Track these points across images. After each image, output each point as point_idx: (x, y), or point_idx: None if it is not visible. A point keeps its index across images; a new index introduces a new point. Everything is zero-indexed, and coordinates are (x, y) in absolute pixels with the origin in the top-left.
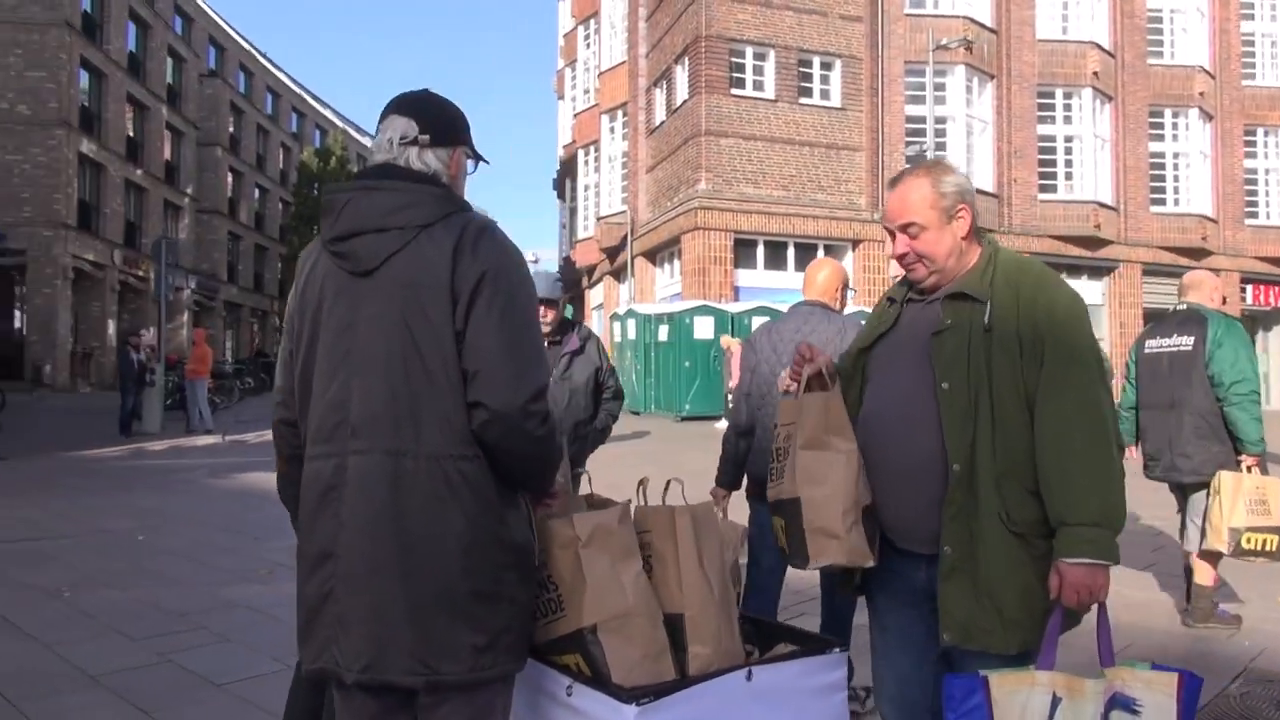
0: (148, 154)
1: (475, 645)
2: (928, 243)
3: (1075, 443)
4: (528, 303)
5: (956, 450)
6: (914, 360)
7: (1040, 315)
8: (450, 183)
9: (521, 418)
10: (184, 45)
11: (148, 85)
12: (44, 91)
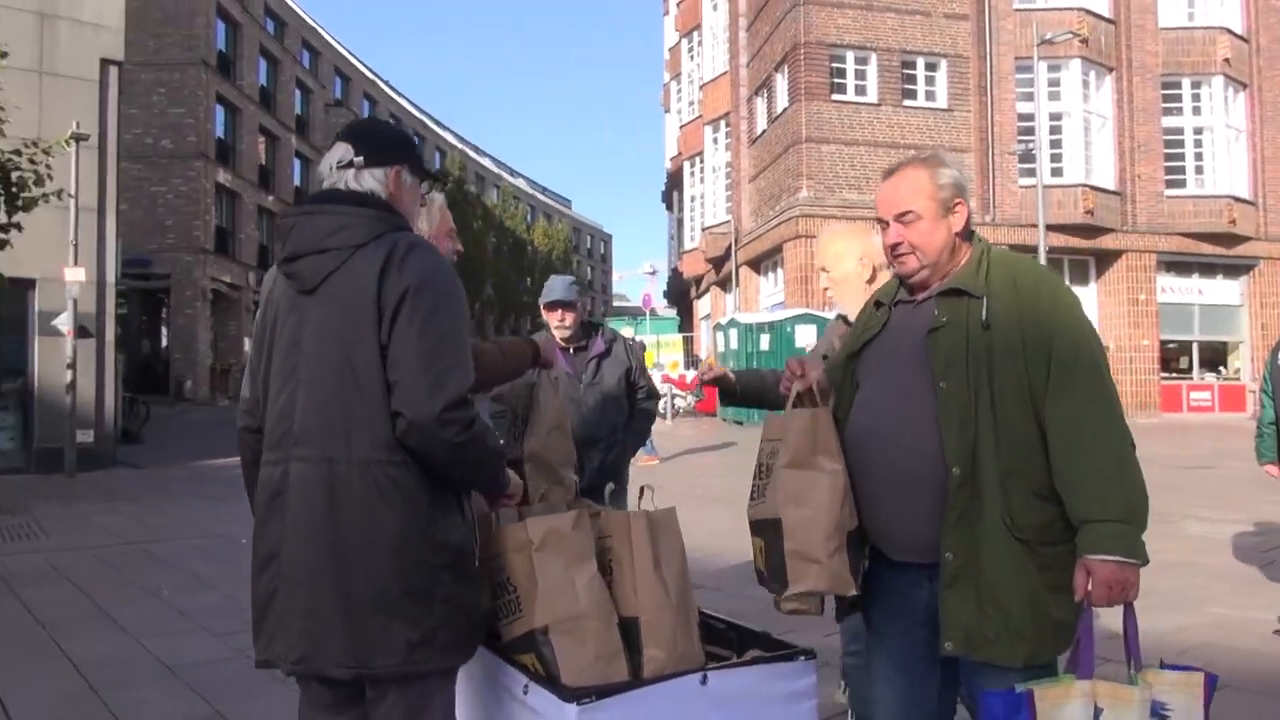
0: (278, 181)
1: (409, 640)
2: (922, 233)
3: (1092, 439)
4: (451, 316)
5: (957, 452)
6: (908, 362)
7: (1044, 310)
8: (391, 199)
9: (437, 426)
10: (311, 77)
11: (278, 116)
12: (184, 127)
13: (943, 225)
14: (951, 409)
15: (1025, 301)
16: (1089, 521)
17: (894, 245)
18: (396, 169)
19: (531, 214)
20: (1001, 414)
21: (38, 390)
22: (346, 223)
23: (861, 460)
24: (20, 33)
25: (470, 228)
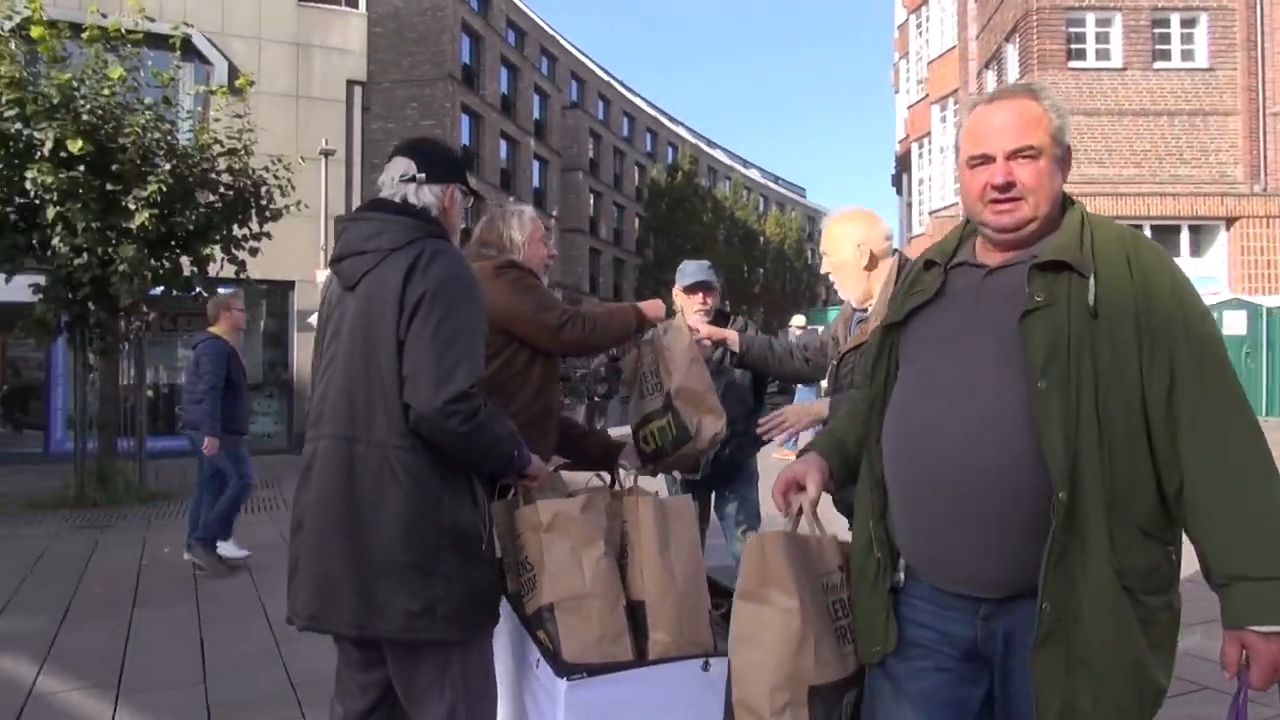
0: (518, 183)
1: (410, 610)
2: (1040, 175)
3: (1241, 471)
4: (463, 318)
5: (1062, 472)
6: (984, 346)
7: (1166, 300)
8: (442, 214)
9: (441, 417)
10: (549, 83)
11: (518, 122)
12: (434, 137)
13: (1059, 171)
14: (1053, 416)
15: (1142, 286)
16: (1244, 579)
17: (1004, 186)
18: (451, 187)
19: (764, 204)
20: (1107, 427)
21: (296, 380)
22: (384, 228)
23: (910, 463)
24: (280, 62)
25: (700, 220)
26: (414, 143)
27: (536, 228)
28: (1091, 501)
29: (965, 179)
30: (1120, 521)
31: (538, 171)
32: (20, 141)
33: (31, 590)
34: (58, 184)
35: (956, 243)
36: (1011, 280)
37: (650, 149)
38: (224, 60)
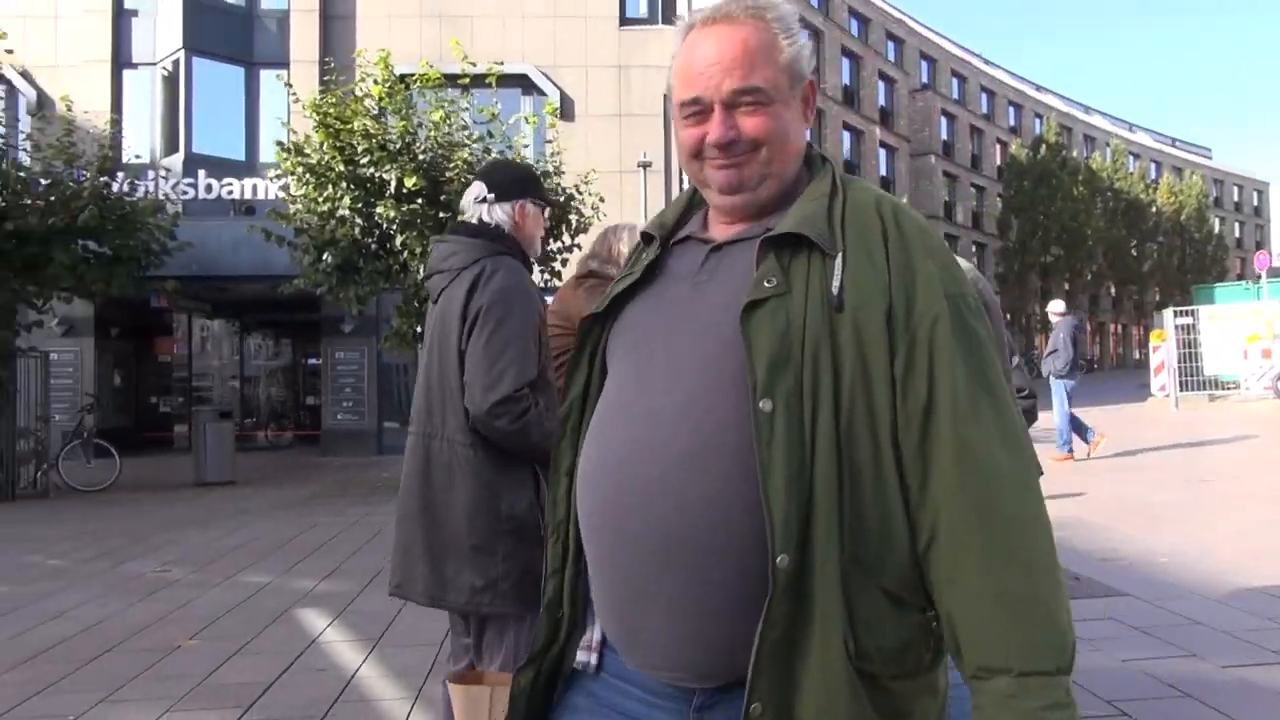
0: (864, 172)
1: (474, 586)
2: (772, 124)
3: (1014, 529)
4: (513, 329)
5: (785, 527)
6: (697, 348)
7: (932, 288)
8: (515, 228)
9: (491, 418)
10: (894, 68)
11: (861, 112)
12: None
13: (799, 118)
14: (777, 449)
15: (902, 269)
16: (1005, 673)
17: (725, 144)
18: (520, 202)
19: (1155, 170)
20: (851, 462)
21: None
22: (457, 249)
23: (597, 508)
24: (604, 85)
25: (1070, 195)
26: (487, 166)
27: (632, 238)
28: (825, 565)
29: (678, 132)
30: (862, 589)
31: (884, 160)
32: (373, 183)
33: (355, 561)
34: (399, 216)
35: (683, 208)
36: (742, 260)
37: (1014, 122)
38: (556, 90)
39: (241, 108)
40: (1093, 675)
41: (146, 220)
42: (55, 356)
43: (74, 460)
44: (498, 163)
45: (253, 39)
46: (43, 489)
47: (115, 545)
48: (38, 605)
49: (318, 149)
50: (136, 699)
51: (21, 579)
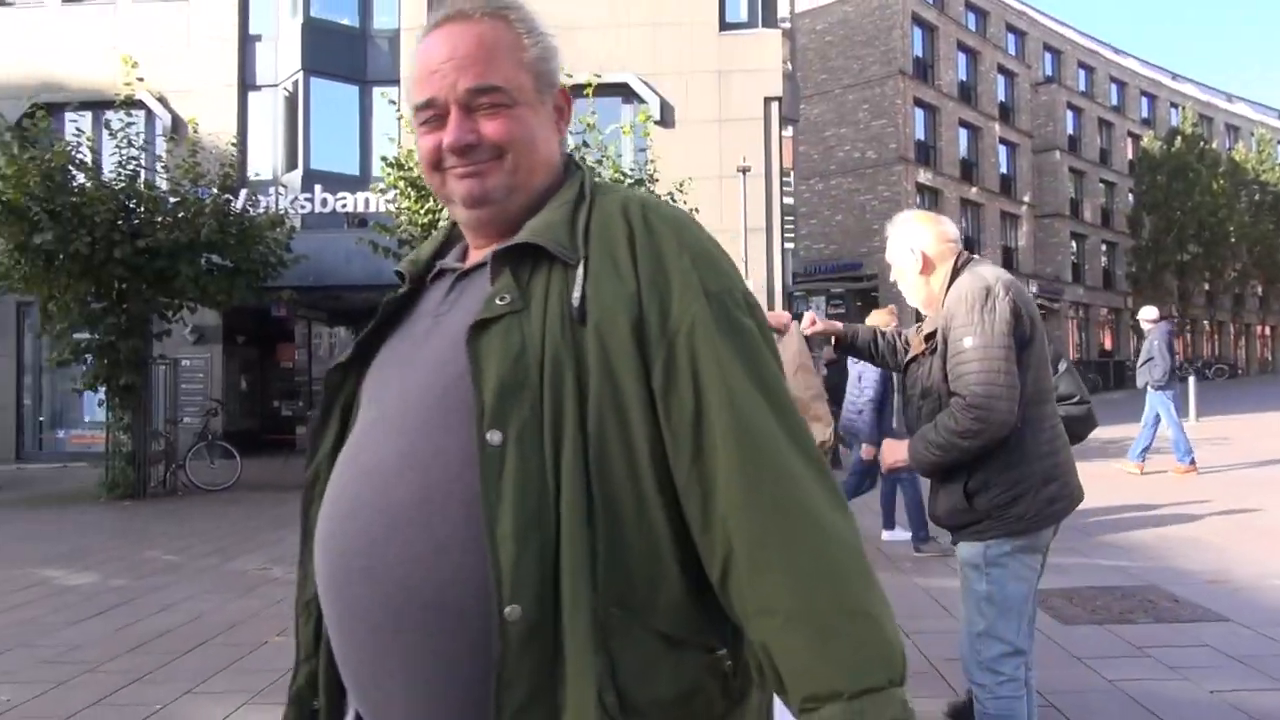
0: (982, 171)
1: None
2: (516, 127)
3: (815, 533)
4: None
5: (516, 572)
6: (426, 384)
7: (688, 290)
8: None
9: None
10: (1015, 61)
11: (979, 108)
12: (885, 135)
13: (548, 125)
14: (508, 488)
15: (652, 273)
16: (825, 700)
17: (461, 148)
18: None
19: None
20: (605, 494)
21: None
22: None
23: (326, 565)
24: (703, 90)
25: (1209, 189)
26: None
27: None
28: (575, 612)
29: (417, 142)
30: (628, 635)
31: (1005, 156)
32: None
33: None
34: None
35: (441, 242)
36: (485, 282)
37: (1147, 114)
38: (655, 97)
39: (356, 124)
40: (1172, 706)
41: (265, 234)
42: (186, 363)
43: (199, 461)
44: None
45: (366, 58)
46: (171, 488)
47: (227, 543)
48: (148, 598)
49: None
50: (218, 692)
51: (139, 573)
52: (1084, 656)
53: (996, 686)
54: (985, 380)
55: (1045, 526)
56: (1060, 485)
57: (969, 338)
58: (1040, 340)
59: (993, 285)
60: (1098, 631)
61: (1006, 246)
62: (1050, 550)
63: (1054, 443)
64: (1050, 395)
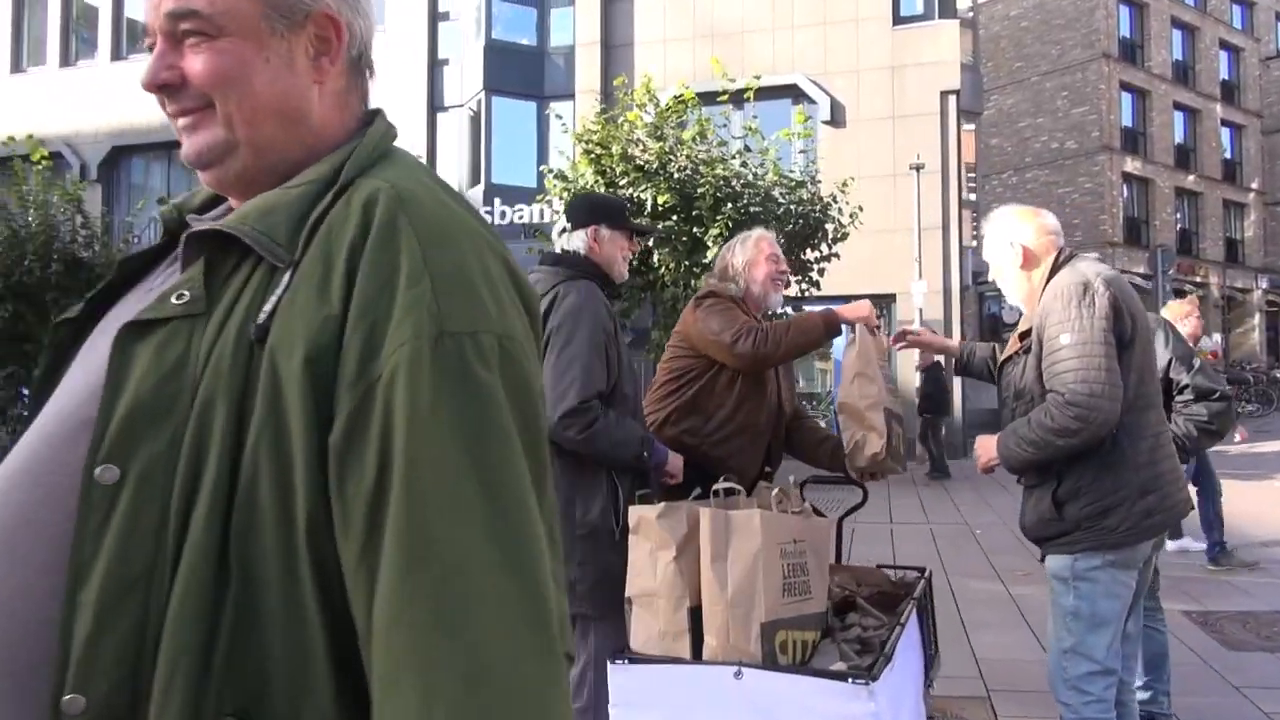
0: (1201, 156)
1: None
2: (226, 64)
3: (460, 684)
4: (579, 346)
5: (89, 656)
6: (77, 379)
7: (408, 327)
8: (591, 252)
9: (560, 429)
10: (1241, 35)
11: (1197, 88)
12: (1087, 124)
13: (287, 65)
14: (109, 541)
15: (379, 291)
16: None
17: (159, 88)
18: (593, 228)
19: None
20: (244, 571)
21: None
22: (539, 277)
23: None
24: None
25: None
26: (569, 201)
27: (761, 249)
28: (172, 715)
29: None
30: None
31: (1229, 140)
32: (632, 203)
33: None
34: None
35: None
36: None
37: None
38: (826, 97)
39: (534, 139)
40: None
41: None
42: None
43: None
44: (578, 195)
45: (543, 74)
46: None
47: None
48: None
49: (581, 174)
50: None
51: None
52: (1243, 685)
53: (1082, 706)
54: (1085, 378)
55: (1140, 541)
56: (1159, 498)
57: (1066, 334)
58: (1144, 342)
59: (1092, 280)
60: (1267, 660)
61: (1230, 238)
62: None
63: (1155, 453)
64: (1155, 401)
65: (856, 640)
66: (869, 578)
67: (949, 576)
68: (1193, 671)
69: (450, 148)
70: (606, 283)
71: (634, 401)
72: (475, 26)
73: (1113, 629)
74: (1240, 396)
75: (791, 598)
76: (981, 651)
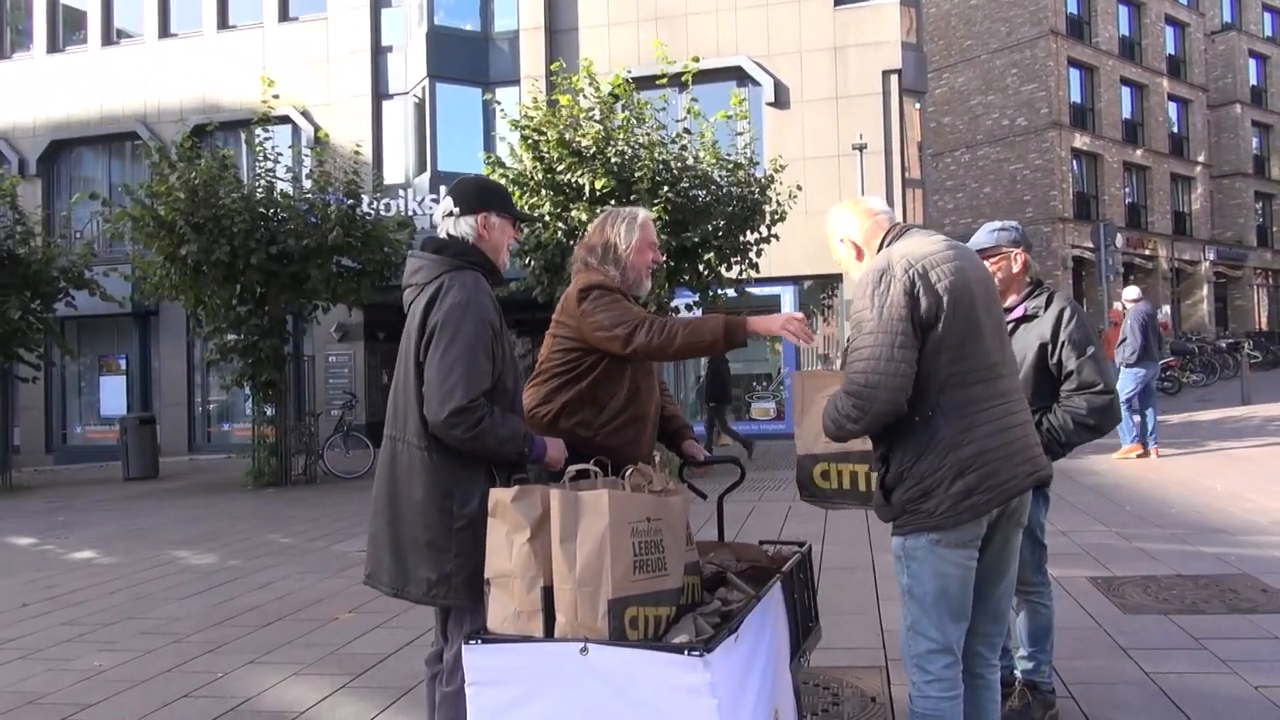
0: (1149, 131)
1: (429, 579)
2: None
3: None
4: (464, 343)
5: None
6: None
7: None
8: (479, 239)
9: (446, 427)
10: (1186, 10)
11: (1143, 64)
12: (1036, 100)
13: None
14: None
15: None
16: None
17: None
18: (483, 215)
19: None
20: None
21: None
22: (422, 265)
23: None
24: (819, 68)
25: None
26: (456, 181)
27: (646, 233)
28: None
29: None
30: None
31: (1176, 114)
32: (571, 188)
33: None
34: (592, 218)
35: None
36: None
37: None
38: (770, 79)
39: (480, 125)
40: (1204, 700)
41: (389, 235)
42: (332, 359)
43: (336, 451)
44: (464, 179)
45: (488, 60)
46: (311, 476)
47: (339, 527)
48: (252, 577)
49: (519, 160)
50: (276, 662)
51: (253, 554)
52: (1131, 647)
53: (924, 685)
54: (866, 368)
55: (961, 523)
56: (980, 477)
57: (867, 321)
58: (964, 319)
59: (892, 264)
60: (1158, 622)
61: (1178, 211)
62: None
63: (974, 431)
64: (985, 377)
65: (717, 614)
66: (747, 554)
67: (873, 551)
68: (1087, 635)
69: (396, 135)
70: (491, 271)
71: (515, 394)
72: (419, 12)
73: (946, 608)
74: (1185, 367)
75: (644, 575)
76: (888, 623)
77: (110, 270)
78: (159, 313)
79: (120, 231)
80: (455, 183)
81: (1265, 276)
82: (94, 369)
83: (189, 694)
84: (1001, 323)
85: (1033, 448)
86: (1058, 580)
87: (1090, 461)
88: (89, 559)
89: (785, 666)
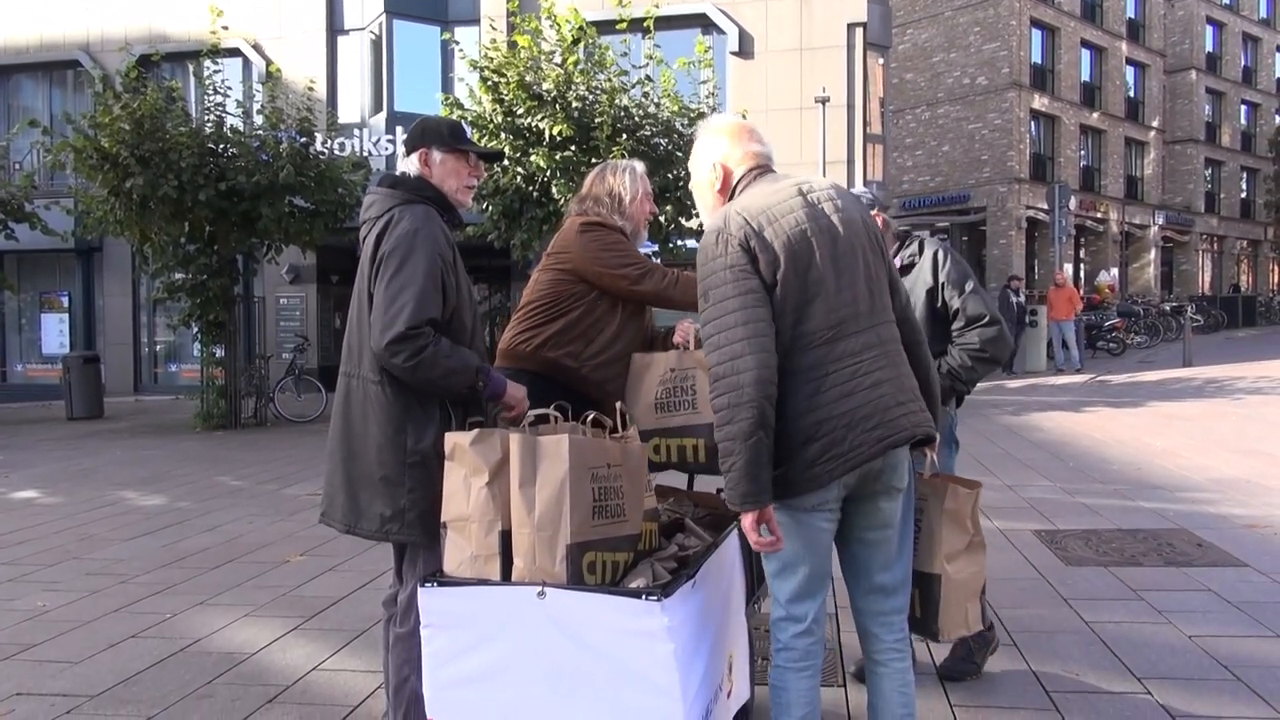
0: (1106, 94)
1: (383, 515)
2: None
3: None
4: (410, 271)
5: None
6: None
7: None
8: (424, 173)
9: (388, 355)
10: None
11: (1105, 27)
12: (998, 60)
13: None
14: None
15: None
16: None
17: None
18: (422, 150)
19: None
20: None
21: None
22: (375, 200)
23: None
24: (784, 19)
25: None
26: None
27: (645, 184)
28: None
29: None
30: None
31: (1133, 78)
32: (531, 132)
33: None
34: (550, 164)
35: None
36: None
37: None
38: (735, 27)
39: (438, 66)
40: (1139, 648)
41: (345, 176)
42: (284, 301)
43: (287, 394)
44: (420, 119)
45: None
46: (261, 419)
47: (289, 471)
48: (202, 519)
49: (478, 102)
50: (227, 604)
51: (202, 496)
52: (1071, 598)
53: (776, 652)
54: (723, 340)
55: (807, 491)
56: (825, 445)
57: (714, 290)
58: (802, 278)
59: (728, 222)
60: (1098, 574)
61: (1130, 175)
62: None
63: (818, 397)
64: (829, 338)
65: (673, 559)
66: (708, 502)
67: None
68: (1030, 585)
69: (352, 73)
70: (447, 208)
71: (473, 332)
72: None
73: (798, 575)
74: (1130, 329)
75: (602, 520)
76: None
77: (52, 204)
78: (103, 249)
79: (62, 163)
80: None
81: (1210, 242)
82: (35, 305)
83: (136, 635)
84: (872, 269)
85: (890, 410)
86: (1003, 532)
87: (1036, 418)
88: (30, 499)
89: (741, 612)
